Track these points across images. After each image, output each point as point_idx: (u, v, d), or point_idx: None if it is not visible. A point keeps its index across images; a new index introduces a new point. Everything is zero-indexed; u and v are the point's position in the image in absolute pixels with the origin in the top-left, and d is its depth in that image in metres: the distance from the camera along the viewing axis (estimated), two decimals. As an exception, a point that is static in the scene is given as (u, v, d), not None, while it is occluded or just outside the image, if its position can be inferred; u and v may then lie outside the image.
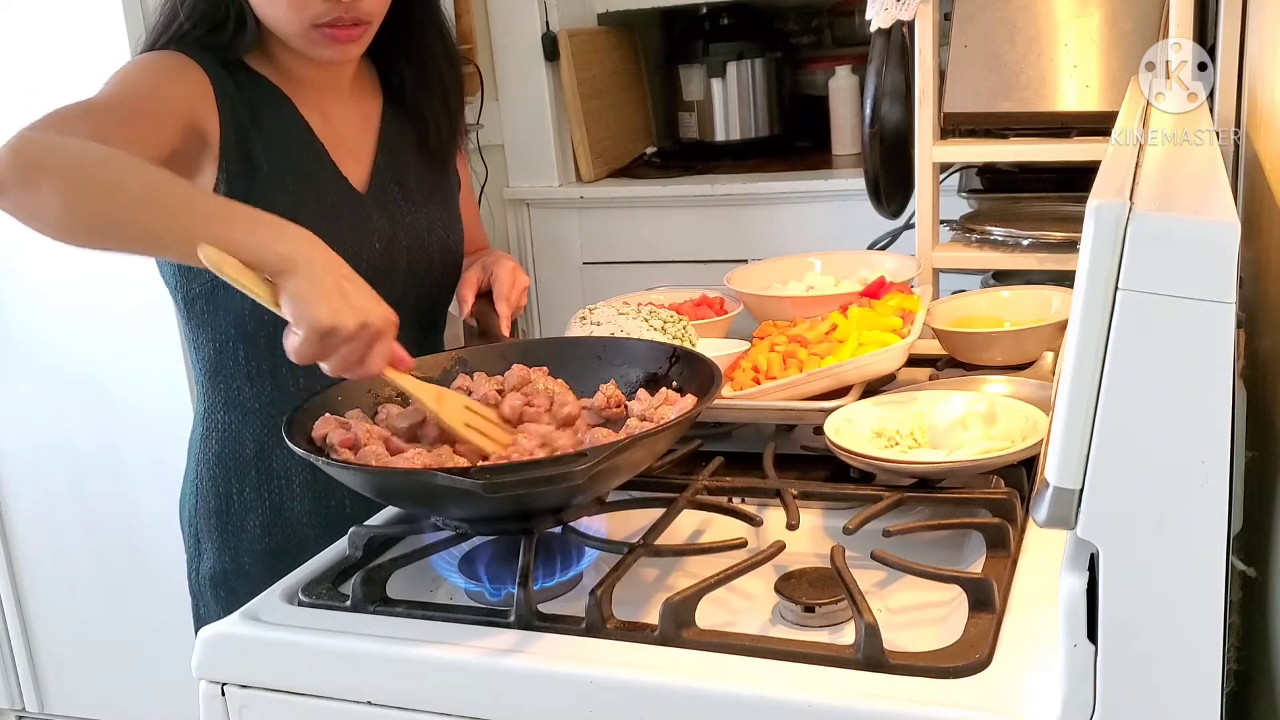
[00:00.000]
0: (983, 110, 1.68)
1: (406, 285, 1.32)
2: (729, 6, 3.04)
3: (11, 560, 2.48)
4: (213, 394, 1.33)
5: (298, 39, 1.23)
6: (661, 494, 1.07)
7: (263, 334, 1.27)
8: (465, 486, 0.86)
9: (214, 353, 1.30)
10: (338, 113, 1.33)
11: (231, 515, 1.32)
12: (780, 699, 0.78)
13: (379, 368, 1.00)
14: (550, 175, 2.83)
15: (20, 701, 2.56)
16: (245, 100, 1.25)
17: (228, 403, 1.32)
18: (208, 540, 1.34)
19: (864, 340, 1.26)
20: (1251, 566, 1.06)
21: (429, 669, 0.87)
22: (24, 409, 2.38)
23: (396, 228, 1.32)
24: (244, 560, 1.32)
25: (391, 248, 1.31)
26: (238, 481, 1.32)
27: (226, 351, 1.30)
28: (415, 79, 1.37)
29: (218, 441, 1.33)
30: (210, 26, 1.24)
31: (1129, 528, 0.67)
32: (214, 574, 1.34)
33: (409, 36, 1.35)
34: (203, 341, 1.31)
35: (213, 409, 1.33)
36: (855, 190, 2.09)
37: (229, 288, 1.18)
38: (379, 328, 0.98)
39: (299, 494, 1.31)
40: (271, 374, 1.29)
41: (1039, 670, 0.76)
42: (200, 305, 1.28)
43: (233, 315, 1.27)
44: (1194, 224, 0.65)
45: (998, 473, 1.05)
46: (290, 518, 1.31)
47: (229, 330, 1.28)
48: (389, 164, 1.35)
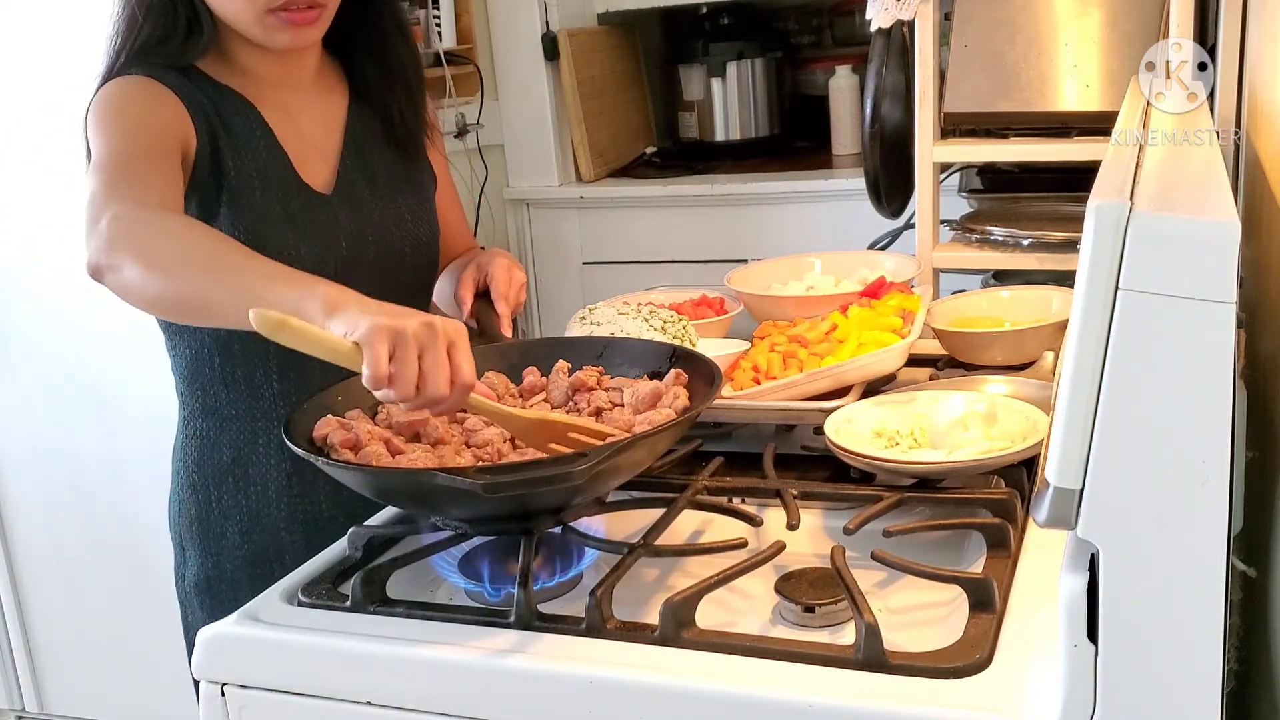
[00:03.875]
0: (983, 110, 1.68)
1: (375, 280, 1.31)
2: (729, 6, 3.04)
3: (11, 560, 2.48)
4: (191, 402, 1.34)
5: (255, 28, 1.23)
6: (661, 494, 1.07)
7: (237, 341, 1.27)
8: (465, 486, 0.86)
9: (191, 360, 1.32)
10: (302, 112, 1.33)
11: (212, 522, 1.33)
12: (780, 699, 0.78)
13: (472, 373, 0.93)
14: (550, 175, 2.83)
15: (20, 701, 2.56)
16: (215, 111, 1.26)
17: (205, 410, 1.33)
18: (191, 547, 1.35)
19: (864, 340, 1.26)
20: (1251, 566, 1.06)
21: (429, 669, 0.87)
22: (24, 410, 2.38)
23: (363, 224, 1.32)
24: (226, 566, 1.33)
25: (359, 244, 1.31)
26: (216, 488, 1.33)
27: (203, 359, 1.31)
28: (376, 71, 1.37)
29: (196, 449, 1.34)
30: (169, 30, 1.24)
31: (1129, 528, 0.67)
32: (198, 580, 1.34)
33: (367, 28, 1.35)
34: (180, 349, 1.32)
35: (191, 416, 1.34)
36: (855, 190, 2.09)
37: None
38: (448, 328, 0.92)
39: (275, 500, 1.32)
40: (247, 381, 1.30)
41: (1039, 670, 0.76)
42: None
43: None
44: (1194, 224, 0.65)
45: (998, 473, 1.05)
46: (268, 524, 1.32)
47: (204, 338, 1.29)
48: (356, 160, 1.35)
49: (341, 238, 1.30)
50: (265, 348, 1.25)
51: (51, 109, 2.06)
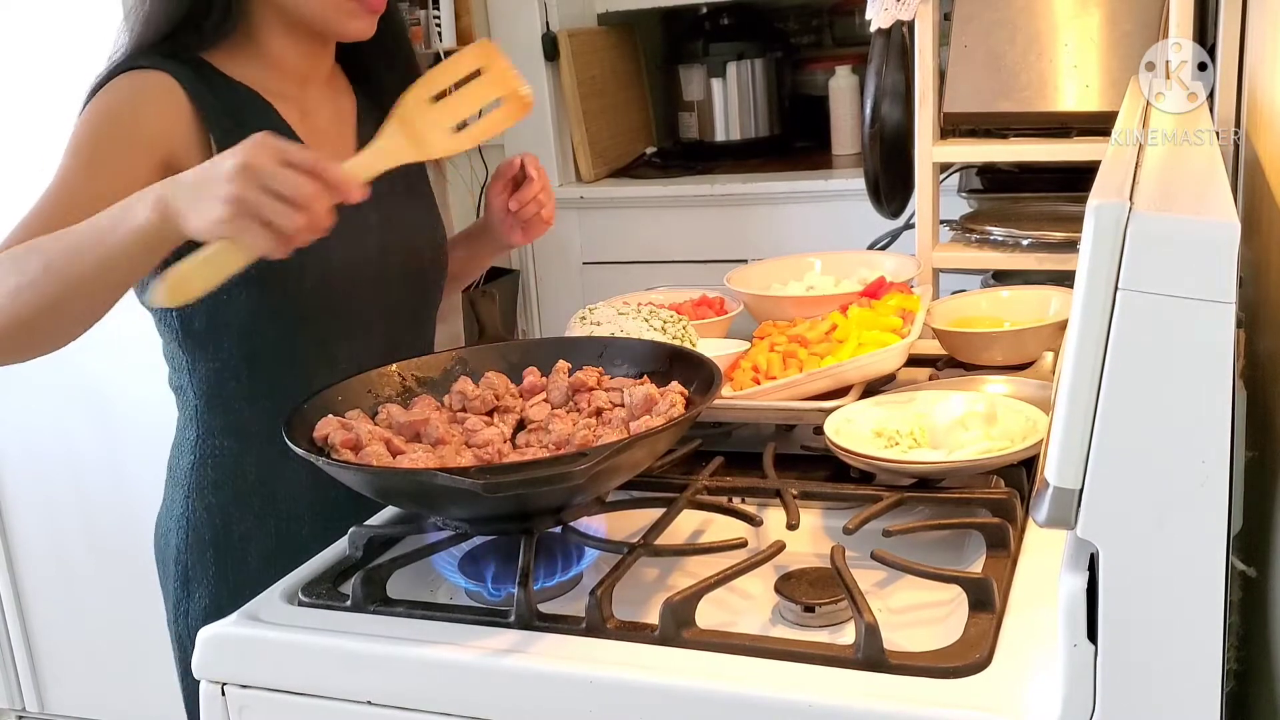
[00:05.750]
0: (983, 110, 1.68)
1: (400, 283, 1.31)
2: (729, 6, 3.05)
3: (11, 560, 2.48)
4: (210, 419, 1.27)
5: (330, 11, 1.21)
6: (661, 494, 1.07)
7: (268, 350, 1.23)
8: (465, 486, 0.86)
9: (213, 375, 1.25)
10: (317, 110, 1.31)
11: (231, 547, 1.26)
12: (780, 699, 0.78)
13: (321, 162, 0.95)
14: (550, 175, 2.82)
15: (20, 701, 2.56)
16: (226, 109, 1.22)
17: (226, 428, 1.27)
18: (201, 577, 1.27)
19: (864, 340, 1.26)
20: (1251, 566, 1.06)
21: (429, 669, 0.87)
22: (25, 410, 2.38)
23: (389, 225, 1.30)
24: (245, 594, 1.25)
25: (385, 245, 1.29)
26: (238, 510, 1.26)
27: (228, 372, 1.25)
28: (387, 69, 1.35)
29: (214, 469, 1.27)
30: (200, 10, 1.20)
31: (1129, 528, 0.67)
32: (208, 612, 1.24)
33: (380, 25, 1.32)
34: (199, 364, 1.25)
35: (209, 434, 1.27)
36: (855, 190, 2.09)
37: (232, 305, 1.16)
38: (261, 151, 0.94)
39: (305, 516, 1.26)
40: (270, 396, 1.24)
41: (1039, 670, 0.76)
42: (200, 325, 1.23)
43: (235, 334, 1.23)
44: (1194, 224, 0.65)
45: (998, 473, 1.05)
46: (296, 543, 1.23)
47: (232, 350, 1.24)
48: None
49: (370, 239, 1.27)
50: (293, 355, 1.24)
51: (51, 109, 2.06)
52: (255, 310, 1.21)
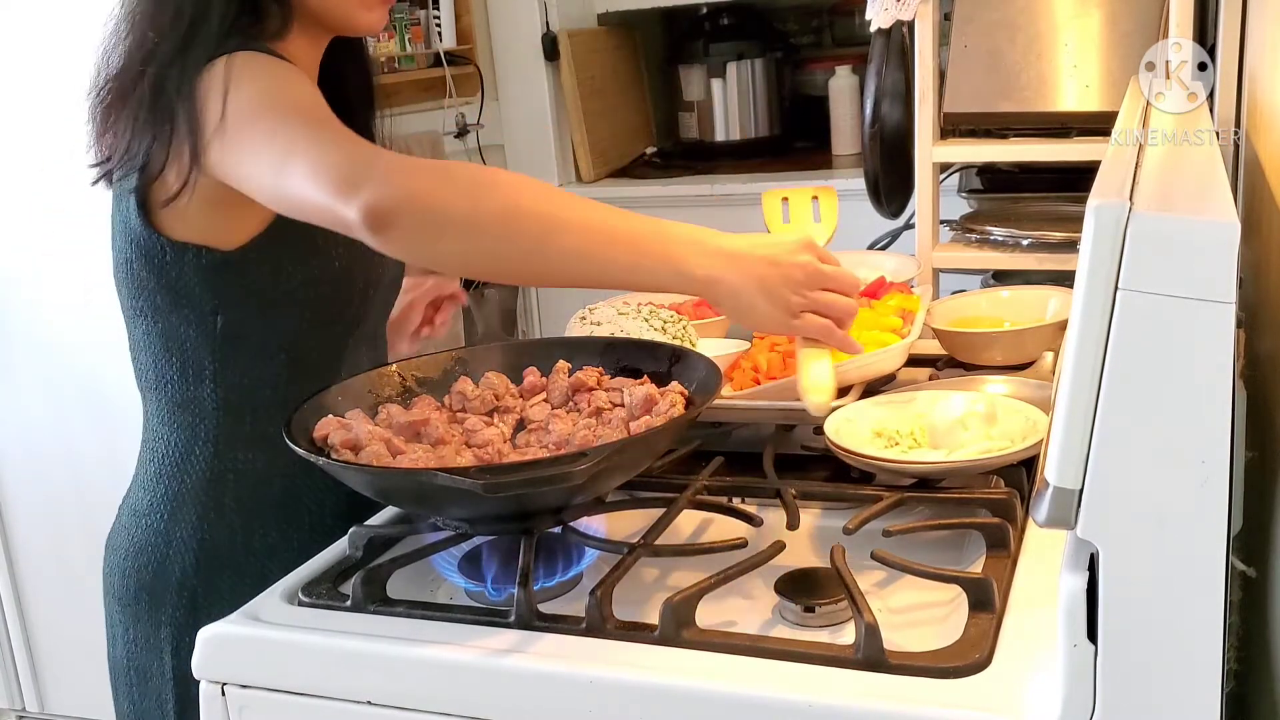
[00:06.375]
0: (983, 110, 1.68)
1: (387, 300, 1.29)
2: (729, 6, 3.05)
3: (11, 560, 2.48)
4: (234, 431, 1.18)
5: (350, 4, 1.16)
6: (661, 494, 1.07)
7: (311, 360, 1.19)
8: (465, 486, 0.86)
9: (244, 384, 1.18)
10: None
11: (250, 564, 1.18)
12: (780, 699, 0.78)
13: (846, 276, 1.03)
14: (550, 175, 2.84)
15: (20, 701, 2.56)
16: None
17: (251, 439, 1.18)
18: (209, 601, 1.17)
19: (864, 340, 1.26)
20: (1251, 566, 1.06)
21: (429, 669, 0.87)
22: (25, 410, 2.38)
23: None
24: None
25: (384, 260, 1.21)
26: (260, 526, 1.18)
27: (264, 381, 1.18)
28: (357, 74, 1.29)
29: (235, 483, 1.18)
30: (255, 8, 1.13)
31: (1129, 528, 0.67)
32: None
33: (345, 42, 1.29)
34: (229, 373, 1.17)
35: (231, 447, 1.18)
36: (855, 190, 2.08)
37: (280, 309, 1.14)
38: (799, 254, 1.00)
39: (331, 526, 1.17)
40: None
41: (1039, 670, 0.76)
42: (253, 334, 1.16)
43: (287, 343, 1.17)
44: (1194, 224, 0.65)
45: (998, 473, 1.05)
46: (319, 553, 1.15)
47: (277, 358, 1.17)
48: None
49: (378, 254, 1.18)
50: (338, 362, 1.20)
51: (52, 110, 2.06)
52: (312, 320, 1.18)
